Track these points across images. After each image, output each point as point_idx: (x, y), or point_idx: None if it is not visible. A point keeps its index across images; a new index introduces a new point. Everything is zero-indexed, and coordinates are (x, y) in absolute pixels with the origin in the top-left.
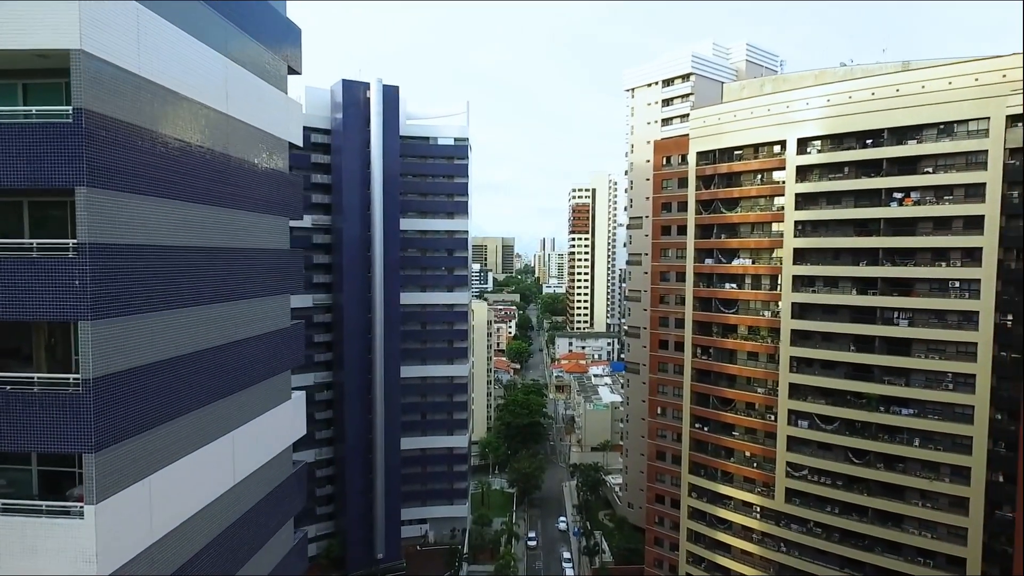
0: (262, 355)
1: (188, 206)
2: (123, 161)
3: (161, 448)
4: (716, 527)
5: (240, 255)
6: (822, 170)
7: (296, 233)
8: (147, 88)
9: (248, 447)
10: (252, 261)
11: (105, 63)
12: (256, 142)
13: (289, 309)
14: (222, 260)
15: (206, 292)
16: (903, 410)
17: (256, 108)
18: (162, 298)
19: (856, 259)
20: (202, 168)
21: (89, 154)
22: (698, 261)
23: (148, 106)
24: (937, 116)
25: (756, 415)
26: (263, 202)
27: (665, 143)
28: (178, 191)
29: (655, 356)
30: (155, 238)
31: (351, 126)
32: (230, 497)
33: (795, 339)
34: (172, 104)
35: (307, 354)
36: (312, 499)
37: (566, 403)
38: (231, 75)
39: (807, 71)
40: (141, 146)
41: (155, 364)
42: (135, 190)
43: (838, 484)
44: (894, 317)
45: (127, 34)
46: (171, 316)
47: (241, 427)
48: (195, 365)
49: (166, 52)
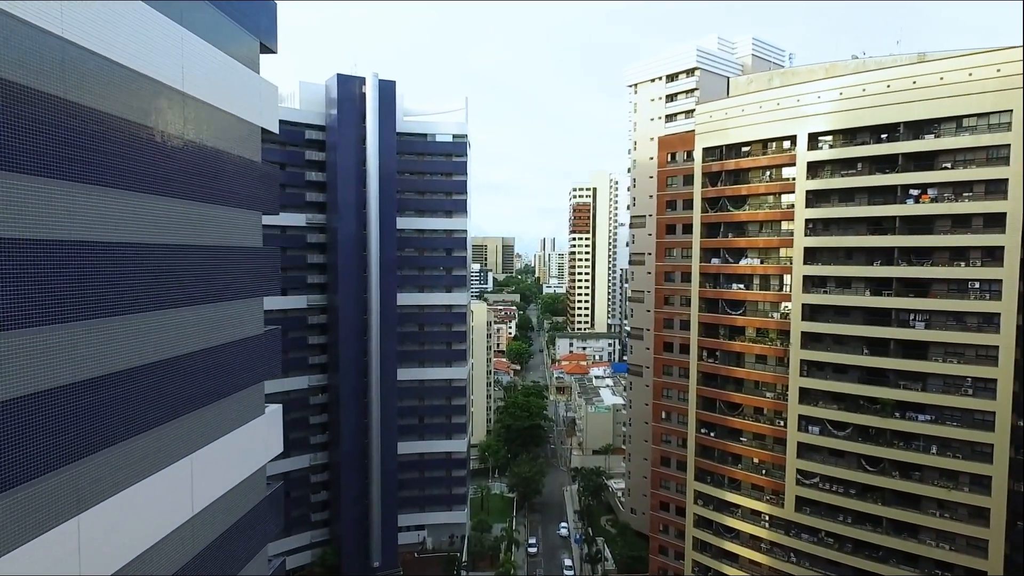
0: (227, 367)
1: (125, 195)
2: (30, 136)
3: (91, 483)
4: (723, 536)
5: (198, 254)
6: (834, 166)
7: (290, 232)
8: (72, 53)
9: (211, 471)
10: (214, 261)
11: (11, 17)
12: (220, 126)
13: (262, 314)
14: (172, 260)
15: (148, 297)
16: (919, 416)
17: (221, 88)
18: (80, 305)
19: (870, 259)
20: (146, 152)
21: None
22: (704, 261)
23: (73, 74)
24: (956, 109)
25: (765, 420)
26: (228, 194)
27: (670, 139)
28: (111, 177)
29: (659, 359)
30: (70, 232)
31: (346, 121)
32: (188, 530)
33: (806, 342)
34: (106, 74)
35: (301, 356)
36: (306, 505)
37: (567, 405)
38: (189, 48)
39: (817, 64)
40: (61, 121)
41: (71, 386)
42: (45, 172)
43: (851, 492)
44: (910, 319)
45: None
46: (93, 327)
47: (201, 450)
48: (132, 384)
49: (101, 13)
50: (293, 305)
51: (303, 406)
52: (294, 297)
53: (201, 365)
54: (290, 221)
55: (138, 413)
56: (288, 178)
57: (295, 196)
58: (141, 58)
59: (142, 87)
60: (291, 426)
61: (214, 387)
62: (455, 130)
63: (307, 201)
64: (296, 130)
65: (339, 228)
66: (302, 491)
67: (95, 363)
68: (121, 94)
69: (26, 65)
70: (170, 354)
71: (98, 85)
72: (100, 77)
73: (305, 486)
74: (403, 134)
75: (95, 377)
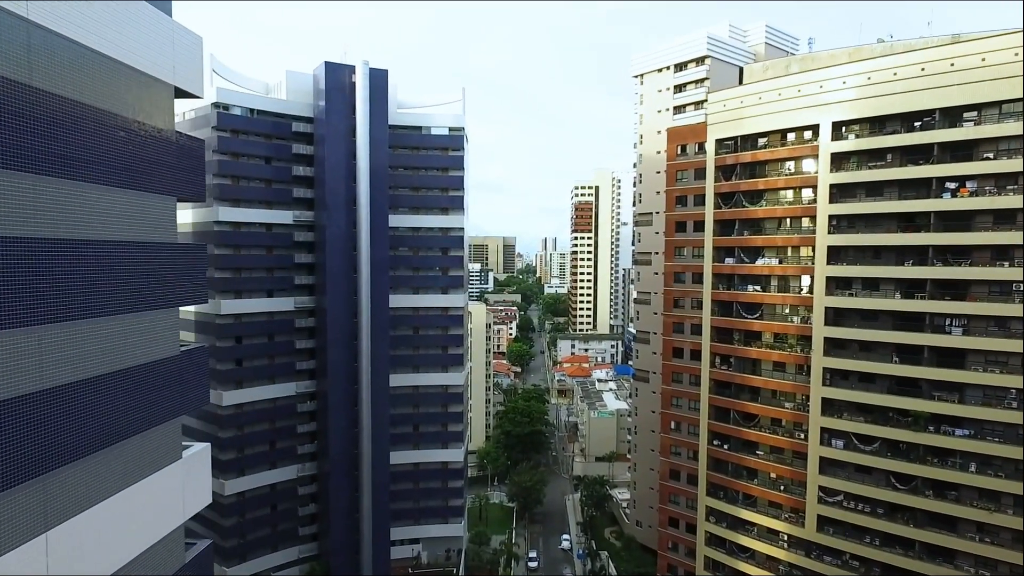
0: (121, 402)
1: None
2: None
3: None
4: (737, 556)
5: (72, 251)
6: (861, 157)
7: (276, 230)
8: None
9: (93, 543)
10: (96, 261)
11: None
12: (104, 78)
13: (177, 330)
14: (27, 260)
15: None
16: (956, 431)
17: (106, 26)
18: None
19: (901, 258)
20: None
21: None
22: (717, 260)
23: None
24: (999, 93)
25: (783, 432)
26: (125, 172)
27: (680, 130)
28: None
29: (668, 365)
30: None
31: (335, 112)
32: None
33: (829, 348)
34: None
35: (288, 362)
36: (294, 519)
37: (569, 409)
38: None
39: (839, 49)
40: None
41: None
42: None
43: (879, 512)
44: (945, 324)
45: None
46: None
47: (77, 517)
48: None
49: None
50: (279, 307)
51: (291, 414)
52: (280, 299)
53: (74, 402)
54: (276, 218)
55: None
56: (274, 173)
57: (282, 192)
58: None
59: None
60: (278, 435)
61: (98, 431)
62: (451, 123)
63: (294, 197)
64: (283, 122)
65: (328, 226)
66: (289, 504)
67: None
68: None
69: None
70: (21, 390)
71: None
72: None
73: (292, 498)
74: (396, 127)
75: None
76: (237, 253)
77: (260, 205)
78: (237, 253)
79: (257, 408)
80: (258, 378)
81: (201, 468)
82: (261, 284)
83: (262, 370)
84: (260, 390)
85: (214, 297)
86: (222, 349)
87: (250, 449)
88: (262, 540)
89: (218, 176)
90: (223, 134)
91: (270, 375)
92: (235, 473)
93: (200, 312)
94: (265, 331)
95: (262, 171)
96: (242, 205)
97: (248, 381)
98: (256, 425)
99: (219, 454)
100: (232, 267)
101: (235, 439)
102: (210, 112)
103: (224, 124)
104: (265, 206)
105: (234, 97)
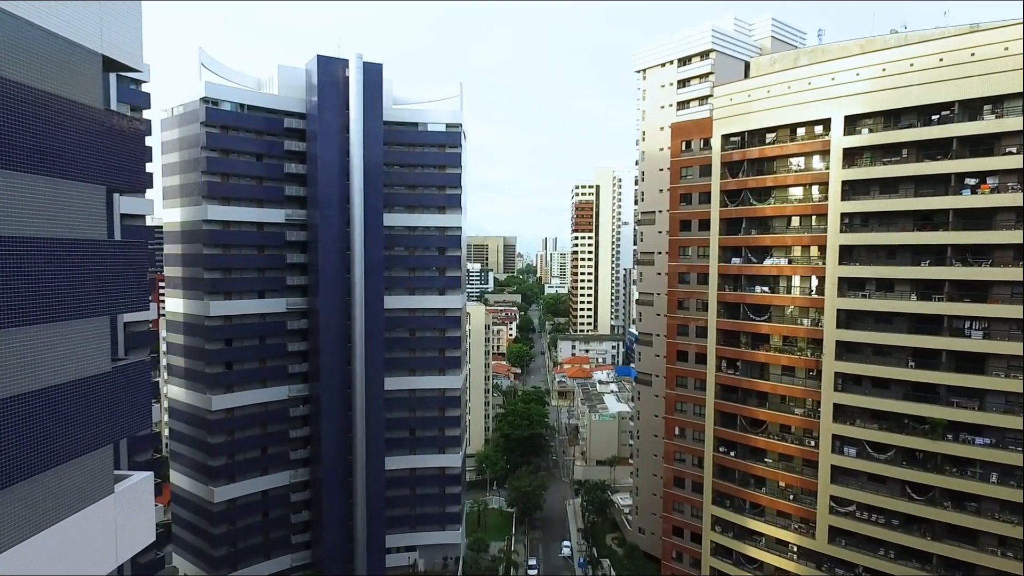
0: (32, 430)
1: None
2: None
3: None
4: (744, 567)
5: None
6: (874, 153)
7: (268, 229)
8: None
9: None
10: (2, 260)
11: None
12: (14, 41)
13: (107, 342)
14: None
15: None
16: (976, 439)
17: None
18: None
19: (917, 258)
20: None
21: None
22: (723, 260)
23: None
24: (1022, 84)
25: (793, 439)
26: (36, 155)
27: (685, 125)
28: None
29: (672, 369)
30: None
31: (328, 108)
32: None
33: (841, 352)
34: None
35: (280, 365)
36: (286, 526)
37: (569, 411)
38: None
39: (851, 40)
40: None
41: None
42: None
43: (893, 524)
44: (964, 327)
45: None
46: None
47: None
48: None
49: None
50: (271, 309)
51: (283, 419)
52: (272, 300)
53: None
54: (268, 217)
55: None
56: (266, 170)
57: (273, 190)
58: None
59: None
60: (270, 440)
61: (15, 462)
62: (448, 119)
63: (286, 195)
64: (275, 118)
65: (321, 225)
66: (281, 511)
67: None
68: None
69: None
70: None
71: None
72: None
73: (285, 505)
74: (391, 123)
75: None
76: (227, 253)
77: (251, 203)
78: (227, 253)
79: (248, 412)
80: (249, 381)
81: (140, 502)
82: (252, 285)
83: (253, 373)
84: (251, 394)
85: (203, 298)
86: (212, 352)
87: (241, 455)
88: (254, 548)
89: (207, 173)
90: (212, 130)
91: (261, 378)
92: (225, 480)
93: (189, 314)
94: (256, 333)
95: (253, 168)
96: (232, 203)
97: (239, 385)
98: (247, 430)
99: (209, 460)
100: (222, 267)
101: (225, 444)
102: (199, 107)
103: (213, 119)
104: (256, 204)
105: (223, 92)
